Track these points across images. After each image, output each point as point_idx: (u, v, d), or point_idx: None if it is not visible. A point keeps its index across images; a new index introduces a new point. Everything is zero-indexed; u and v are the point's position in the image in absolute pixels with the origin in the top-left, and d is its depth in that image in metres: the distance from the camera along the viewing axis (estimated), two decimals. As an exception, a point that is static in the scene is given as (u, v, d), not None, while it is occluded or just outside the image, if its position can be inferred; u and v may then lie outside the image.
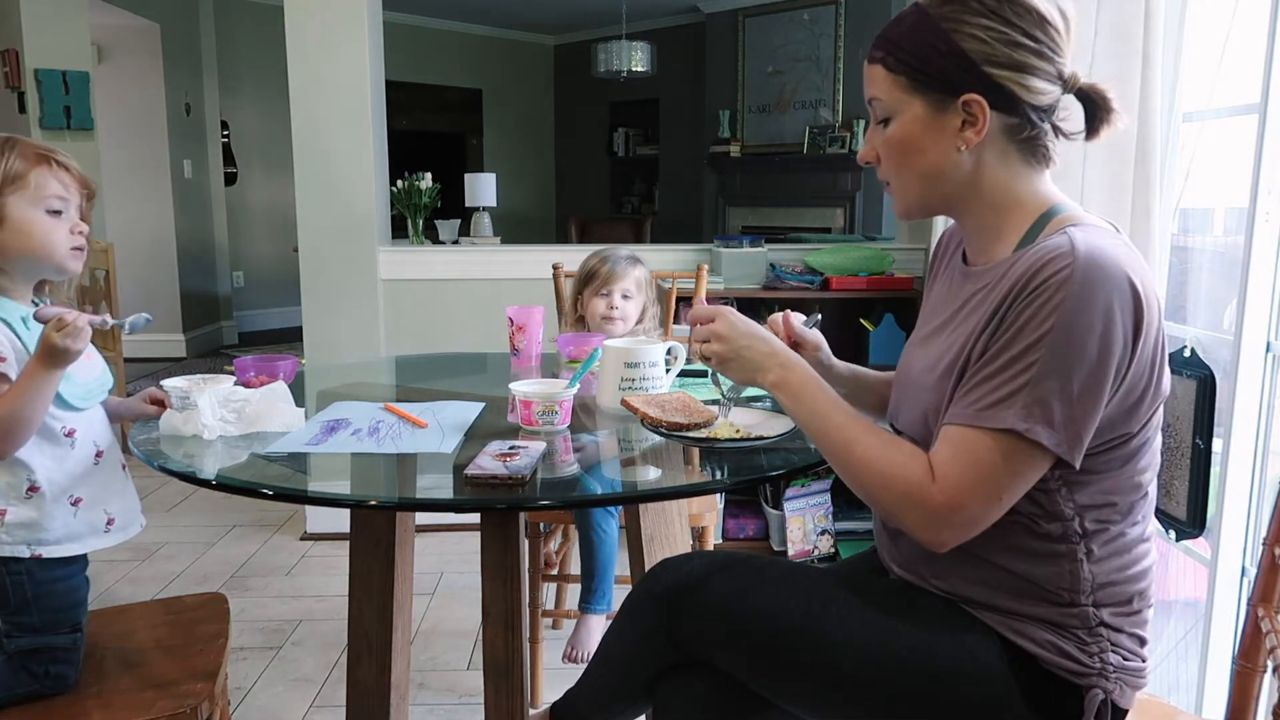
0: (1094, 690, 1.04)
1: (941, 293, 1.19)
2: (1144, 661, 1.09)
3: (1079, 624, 1.05)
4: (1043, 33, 1.01)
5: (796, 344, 1.30)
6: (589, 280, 2.18)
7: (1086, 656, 1.05)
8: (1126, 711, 1.09)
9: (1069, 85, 1.04)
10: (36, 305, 1.34)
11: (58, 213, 1.29)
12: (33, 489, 1.28)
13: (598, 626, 2.10)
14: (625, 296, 2.16)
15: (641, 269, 2.21)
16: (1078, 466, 0.98)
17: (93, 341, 1.28)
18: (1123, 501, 1.05)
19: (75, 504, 1.32)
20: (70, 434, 1.32)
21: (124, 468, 1.41)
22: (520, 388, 1.43)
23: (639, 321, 2.22)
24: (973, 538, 1.01)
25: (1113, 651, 1.06)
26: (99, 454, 1.36)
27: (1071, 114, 1.07)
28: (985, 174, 1.05)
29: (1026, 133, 1.04)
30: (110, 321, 1.30)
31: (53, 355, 1.21)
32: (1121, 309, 0.94)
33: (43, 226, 1.28)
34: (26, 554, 1.28)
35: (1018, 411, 0.94)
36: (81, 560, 1.35)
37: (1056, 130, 1.06)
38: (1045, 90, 1.02)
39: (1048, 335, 0.93)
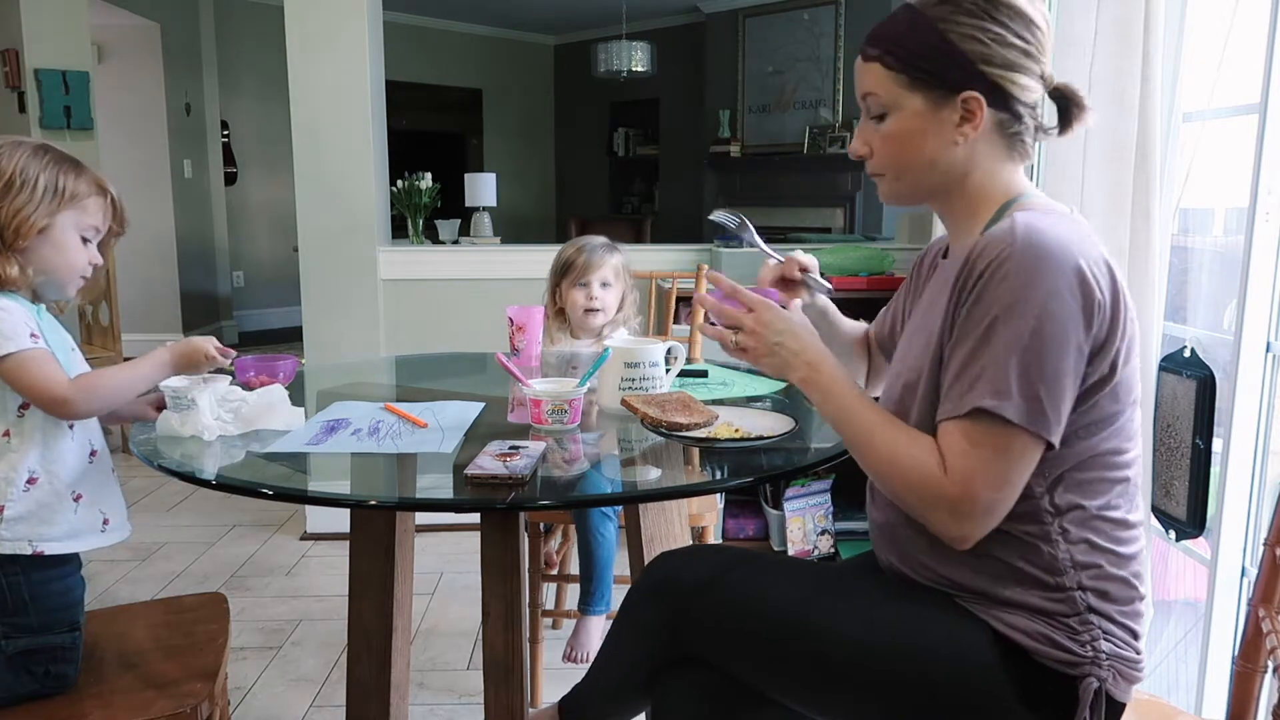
0: (1088, 679, 1.05)
1: (920, 294, 1.26)
2: (1139, 654, 1.09)
3: (1068, 610, 1.06)
4: (1030, 35, 1.07)
5: (788, 282, 1.34)
6: (566, 271, 2.15)
7: (1078, 645, 1.05)
8: (1123, 707, 1.09)
9: (1047, 84, 1.11)
10: (36, 304, 1.35)
11: (87, 240, 1.35)
12: (31, 480, 1.30)
13: (597, 627, 2.10)
14: (604, 285, 2.14)
15: (618, 256, 2.17)
16: (1057, 443, 1.00)
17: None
18: (1093, 481, 1.06)
19: (77, 500, 1.34)
20: (72, 425, 1.34)
21: (114, 472, 1.43)
22: (532, 386, 1.43)
23: (619, 310, 2.20)
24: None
25: (1105, 639, 1.06)
26: (94, 453, 1.38)
27: (1046, 111, 1.14)
28: (974, 166, 1.11)
29: (1014, 128, 1.10)
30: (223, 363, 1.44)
31: (190, 362, 1.38)
32: (1067, 287, 0.98)
33: (75, 250, 1.34)
34: (28, 550, 1.29)
35: (983, 390, 0.98)
36: (75, 560, 1.36)
37: (1038, 127, 1.12)
38: (1032, 88, 1.09)
39: (997, 318, 0.98)
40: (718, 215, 1.41)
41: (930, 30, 1.06)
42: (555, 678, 2.19)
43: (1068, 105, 1.11)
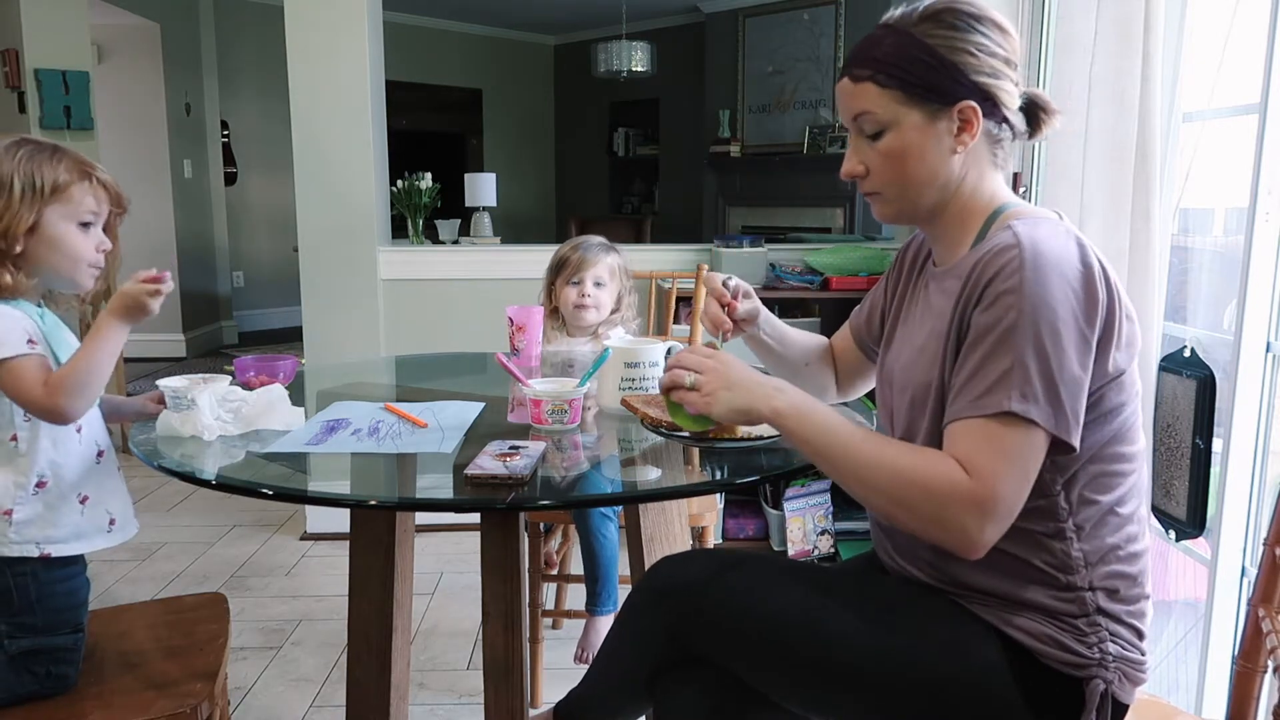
0: (1094, 681, 1.05)
1: (913, 297, 1.25)
2: (1143, 655, 1.10)
3: (1077, 610, 1.06)
4: (1007, 44, 1.11)
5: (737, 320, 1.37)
6: (560, 269, 2.16)
7: (1085, 647, 1.06)
8: (1127, 708, 1.09)
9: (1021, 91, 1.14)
10: (40, 306, 1.34)
11: (87, 225, 1.32)
12: (40, 484, 1.30)
13: (606, 627, 2.10)
14: (598, 284, 2.14)
15: (615, 256, 2.18)
16: (1076, 444, 1.01)
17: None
18: (1104, 475, 1.07)
19: (83, 502, 1.34)
20: (80, 429, 1.34)
21: (119, 470, 1.42)
22: (532, 386, 1.43)
23: (615, 310, 2.20)
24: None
25: (1111, 641, 1.07)
26: (100, 453, 1.38)
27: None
28: (967, 177, 1.13)
29: (998, 135, 1.13)
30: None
31: (133, 310, 1.27)
32: (1074, 289, 1.00)
33: (72, 241, 1.30)
34: (36, 553, 1.29)
35: (1009, 393, 0.99)
36: (81, 561, 1.36)
37: (1015, 133, 1.14)
38: (1014, 94, 1.12)
39: (1014, 324, 0.99)
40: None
41: (918, 46, 1.08)
42: (555, 678, 2.19)
43: (1035, 111, 1.14)
